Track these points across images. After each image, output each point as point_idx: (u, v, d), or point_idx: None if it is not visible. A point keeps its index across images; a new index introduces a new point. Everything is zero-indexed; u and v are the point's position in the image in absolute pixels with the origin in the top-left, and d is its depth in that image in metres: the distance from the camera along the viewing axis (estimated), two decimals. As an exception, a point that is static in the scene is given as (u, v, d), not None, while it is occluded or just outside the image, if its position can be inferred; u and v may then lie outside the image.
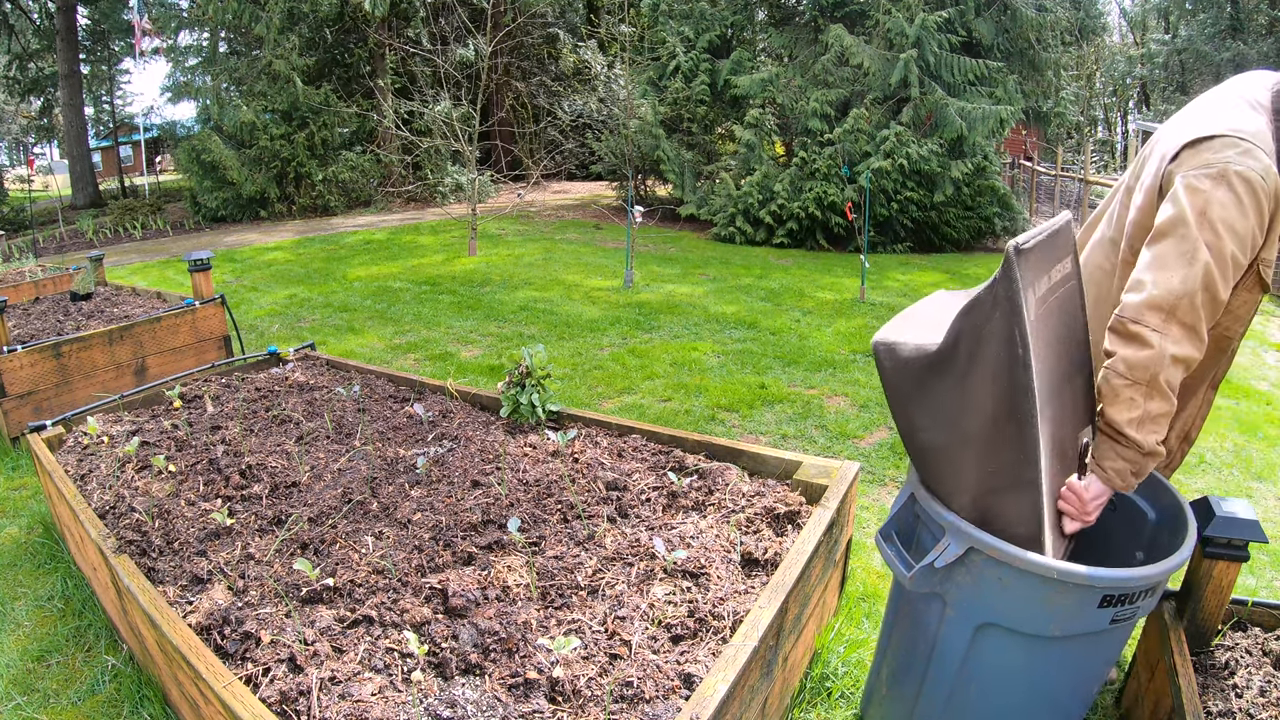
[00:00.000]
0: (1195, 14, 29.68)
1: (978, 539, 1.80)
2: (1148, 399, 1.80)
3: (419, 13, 19.71)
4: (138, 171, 32.01)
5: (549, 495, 2.83)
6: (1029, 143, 21.13)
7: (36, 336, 5.29)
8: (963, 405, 1.85)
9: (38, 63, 25.49)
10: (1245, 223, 1.80)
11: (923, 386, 1.94)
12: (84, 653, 2.90)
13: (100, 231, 16.05)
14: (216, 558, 2.51)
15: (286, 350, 4.68)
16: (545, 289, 9.44)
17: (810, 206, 12.90)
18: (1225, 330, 2.08)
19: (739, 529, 2.55)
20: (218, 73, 18.44)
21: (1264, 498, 4.19)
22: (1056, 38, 14.90)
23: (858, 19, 13.92)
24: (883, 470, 4.40)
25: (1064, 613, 1.79)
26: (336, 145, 18.79)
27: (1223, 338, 2.09)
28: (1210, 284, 1.77)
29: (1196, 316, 1.78)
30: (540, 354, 3.54)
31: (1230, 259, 1.79)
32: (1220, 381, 2.23)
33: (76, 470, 3.29)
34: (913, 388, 1.96)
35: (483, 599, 2.20)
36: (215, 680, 1.88)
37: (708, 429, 4.98)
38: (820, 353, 6.66)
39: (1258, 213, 1.81)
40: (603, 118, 18.70)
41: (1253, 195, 1.79)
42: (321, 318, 8.19)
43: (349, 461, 3.20)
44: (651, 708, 1.80)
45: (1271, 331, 7.99)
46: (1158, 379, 1.78)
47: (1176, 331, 1.78)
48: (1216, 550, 2.09)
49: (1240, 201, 1.79)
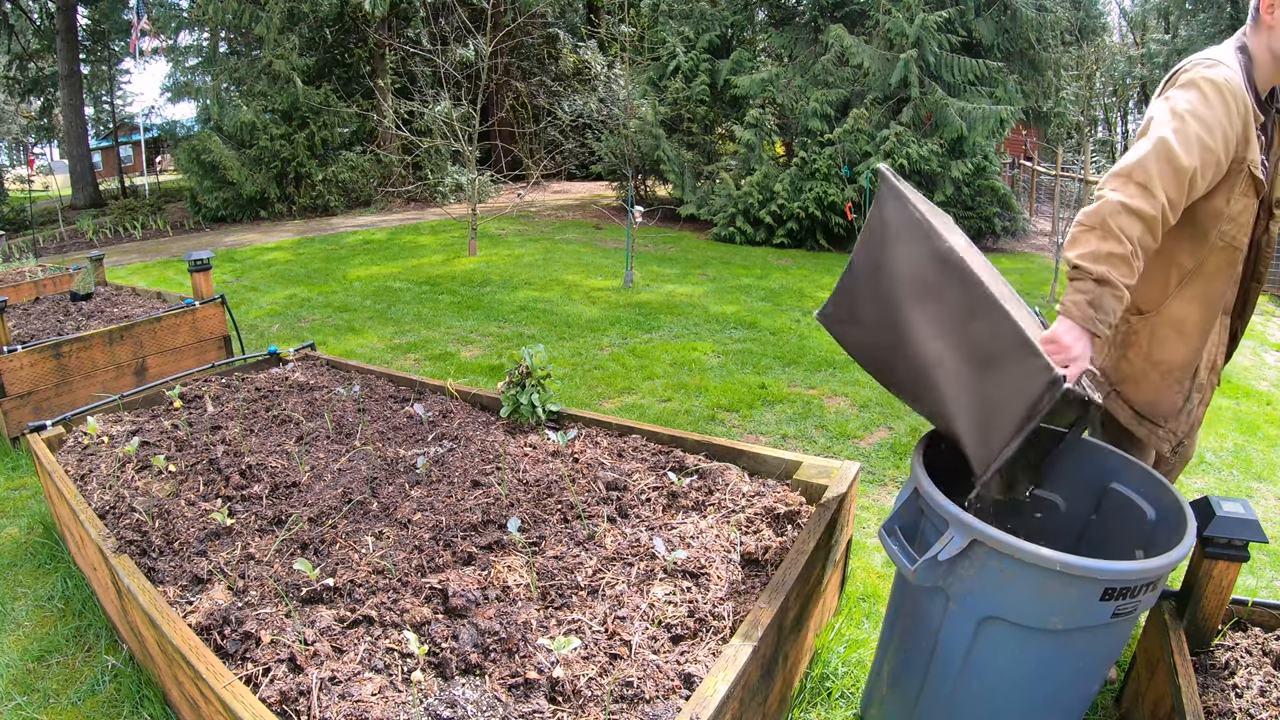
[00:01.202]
0: (1195, 14, 29.66)
1: (981, 531, 1.81)
2: (1101, 240, 1.93)
3: (419, 13, 19.69)
4: (138, 171, 32.01)
5: (549, 495, 2.83)
6: (1029, 143, 21.11)
7: (37, 336, 5.29)
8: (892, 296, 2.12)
9: (38, 63, 25.47)
10: (1210, 111, 1.94)
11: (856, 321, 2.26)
12: (84, 653, 2.90)
13: (100, 231, 16.05)
14: (216, 558, 2.51)
15: (286, 350, 4.68)
16: (545, 289, 9.44)
17: (810, 207, 12.90)
18: (1231, 240, 2.12)
19: (739, 529, 2.55)
20: (218, 73, 18.43)
21: (1264, 498, 4.19)
22: (1056, 38, 14.90)
23: (858, 19, 13.92)
24: (883, 470, 4.40)
25: (1066, 606, 1.79)
26: (336, 145, 18.79)
27: (1230, 248, 2.13)
28: (1167, 151, 1.91)
29: (1148, 175, 1.91)
30: (540, 354, 3.54)
31: (1195, 139, 1.93)
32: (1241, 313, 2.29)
33: (76, 470, 3.29)
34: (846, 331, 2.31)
35: (483, 599, 2.20)
36: (215, 680, 1.88)
37: (708, 429, 4.98)
38: (820, 353, 6.66)
39: (1223, 106, 1.95)
40: (603, 118, 18.69)
41: (1217, 91, 1.95)
42: (321, 318, 8.19)
43: (349, 461, 3.20)
44: (651, 708, 1.80)
45: (1271, 331, 7.99)
46: (1108, 222, 1.92)
47: (1131, 189, 1.92)
48: (1216, 550, 2.09)
49: (1205, 96, 1.95)
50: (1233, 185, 2.06)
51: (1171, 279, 2.22)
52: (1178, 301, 2.22)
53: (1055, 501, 2.48)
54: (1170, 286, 2.22)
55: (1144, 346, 2.30)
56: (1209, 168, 1.95)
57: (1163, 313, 2.25)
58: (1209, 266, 2.16)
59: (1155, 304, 2.26)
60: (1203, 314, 2.21)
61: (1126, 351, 2.34)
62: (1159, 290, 2.25)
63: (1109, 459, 2.34)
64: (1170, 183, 1.91)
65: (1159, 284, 2.24)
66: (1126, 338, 2.34)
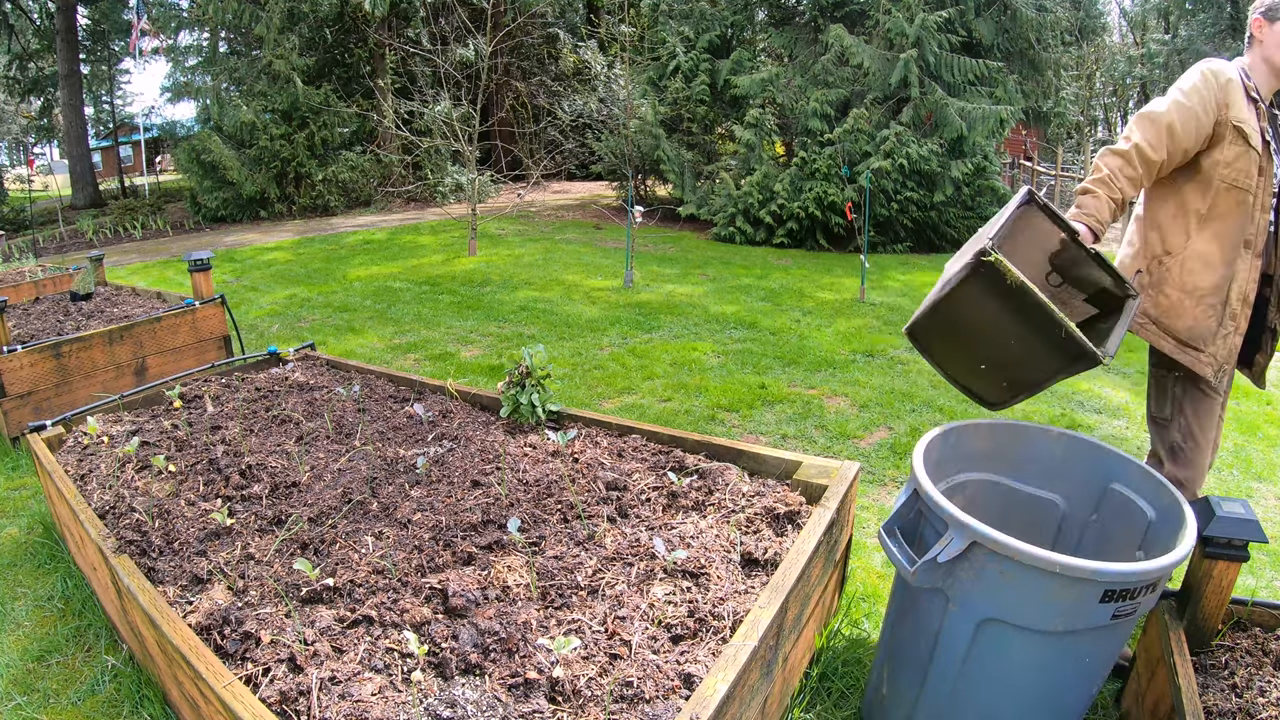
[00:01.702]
0: (1195, 14, 29.66)
1: (980, 533, 1.81)
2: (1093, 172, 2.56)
3: (419, 13, 19.70)
4: (138, 171, 32.01)
5: (549, 495, 2.83)
6: (1029, 143, 21.13)
7: (37, 336, 5.29)
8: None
9: (38, 63, 25.48)
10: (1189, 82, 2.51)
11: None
12: (84, 653, 2.90)
13: (100, 231, 16.05)
14: (216, 558, 2.51)
15: (286, 350, 4.68)
16: (545, 289, 9.44)
17: (810, 206, 12.90)
18: (1233, 181, 2.51)
19: (739, 529, 2.55)
20: (218, 73, 18.43)
21: (1264, 498, 4.19)
22: (1056, 38, 14.91)
23: (858, 19, 13.92)
24: (883, 470, 4.40)
25: (1066, 607, 1.79)
26: (336, 145, 18.78)
27: (1234, 188, 2.52)
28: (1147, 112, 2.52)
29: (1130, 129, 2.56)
30: (540, 354, 3.54)
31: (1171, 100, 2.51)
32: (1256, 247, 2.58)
33: (76, 470, 3.29)
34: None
35: (483, 599, 2.20)
36: (215, 680, 1.88)
37: (708, 429, 4.98)
38: (820, 353, 6.65)
39: (1203, 80, 2.49)
40: (603, 118, 18.70)
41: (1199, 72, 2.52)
42: (321, 318, 8.19)
43: (349, 461, 3.20)
44: (651, 708, 1.80)
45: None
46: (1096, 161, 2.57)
47: (1137, 131, 2.51)
48: (1216, 550, 2.09)
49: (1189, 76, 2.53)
50: (1223, 137, 2.49)
51: (1191, 222, 2.62)
52: (1199, 240, 2.61)
53: (1055, 501, 2.48)
54: (1190, 229, 2.62)
55: (1177, 278, 2.65)
56: (1189, 120, 2.46)
57: (1189, 249, 2.62)
58: (1220, 208, 2.56)
59: (1180, 245, 2.65)
60: (1223, 247, 2.58)
61: (1163, 287, 2.68)
62: (1182, 233, 2.64)
63: (1109, 459, 2.34)
64: (1148, 131, 2.49)
65: (1181, 228, 2.65)
66: (1161, 276, 2.69)
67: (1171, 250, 2.67)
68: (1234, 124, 2.47)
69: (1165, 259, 2.68)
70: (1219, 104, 2.47)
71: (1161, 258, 2.69)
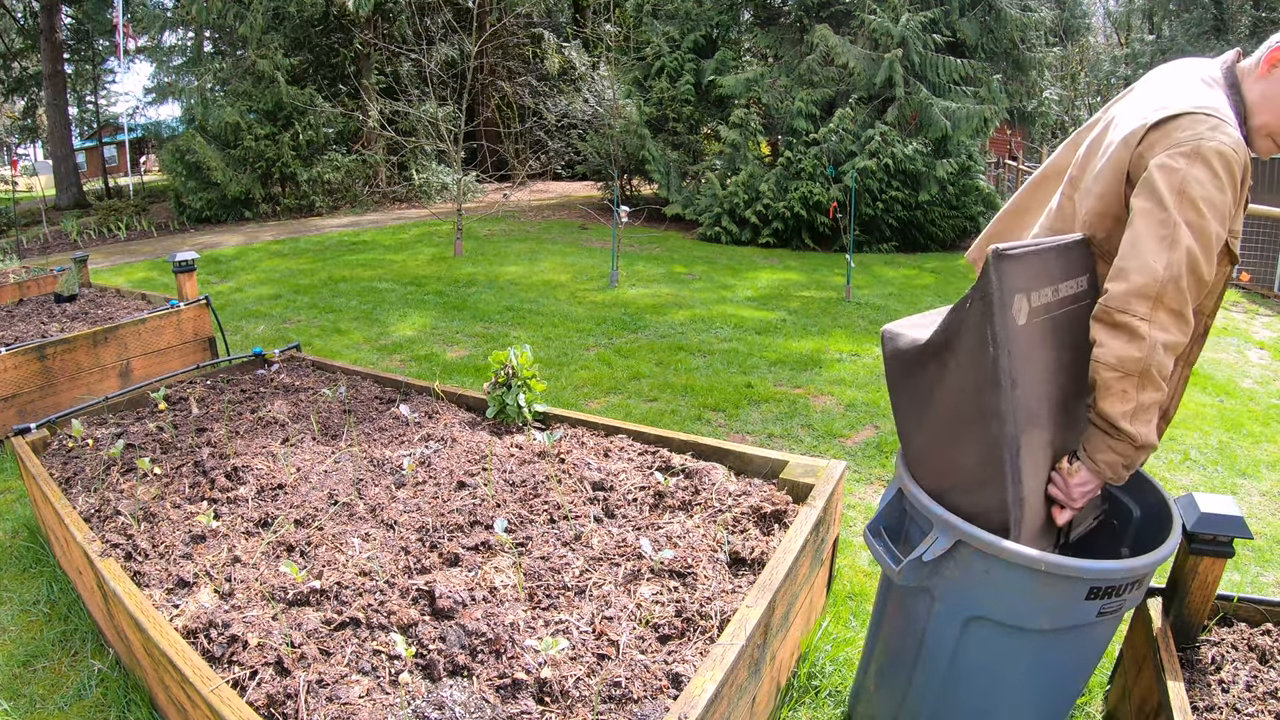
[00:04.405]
0: (1179, 14, 29.87)
1: (965, 532, 1.81)
2: (1140, 390, 1.77)
3: (404, 12, 19.63)
4: (122, 172, 31.76)
5: (535, 495, 2.83)
6: (1013, 142, 21.21)
7: (20, 339, 5.24)
8: (939, 397, 1.93)
9: (21, 62, 25.24)
10: (1223, 198, 1.76)
11: (909, 376, 2.02)
12: (70, 657, 2.88)
13: (84, 232, 15.91)
14: (203, 560, 2.50)
15: (272, 351, 4.66)
16: (531, 289, 9.43)
17: (796, 206, 12.93)
18: (1201, 308, 2.02)
19: (726, 528, 2.55)
20: (202, 73, 18.29)
21: (1248, 494, 4.23)
22: (1041, 38, 15.01)
23: (843, 19, 13.97)
24: (869, 469, 4.41)
25: (1051, 605, 1.80)
26: (321, 145, 18.68)
27: (1199, 313, 2.01)
28: (1195, 265, 1.74)
29: (1183, 300, 1.74)
30: (526, 354, 3.54)
31: (1214, 237, 1.76)
32: (1193, 360, 2.16)
33: (61, 473, 3.26)
34: (900, 375, 2.05)
35: (470, 600, 2.19)
36: (202, 684, 1.87)
37: (694, 429, 4.98)
38: (806, 352, 6.67)
39: (1233, 186, 1.78)
40: (588, 118, 18.68)
41: (1227, 169, 1.76)
42: (307, 318, 8.16)
43: (335, 463, 3.19)
44: (639, 707, 1.80)
45: (1255, 329, 8.05)
46: (1149, 370, 1.75)
47: (1164, 318, 1.74)
48: (1201, 546, 2.11)
49: (1217, 176, 1.75)
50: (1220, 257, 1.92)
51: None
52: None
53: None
54: None
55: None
56: (1212, 256, 1.79)
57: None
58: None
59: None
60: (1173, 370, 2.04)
61: None
62: None
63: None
64: (1196, 297, 1.78)
65: None
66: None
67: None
68: (1229, 243, 1.90)
69: None
70: (1232, 214, 1.84)
71: None
